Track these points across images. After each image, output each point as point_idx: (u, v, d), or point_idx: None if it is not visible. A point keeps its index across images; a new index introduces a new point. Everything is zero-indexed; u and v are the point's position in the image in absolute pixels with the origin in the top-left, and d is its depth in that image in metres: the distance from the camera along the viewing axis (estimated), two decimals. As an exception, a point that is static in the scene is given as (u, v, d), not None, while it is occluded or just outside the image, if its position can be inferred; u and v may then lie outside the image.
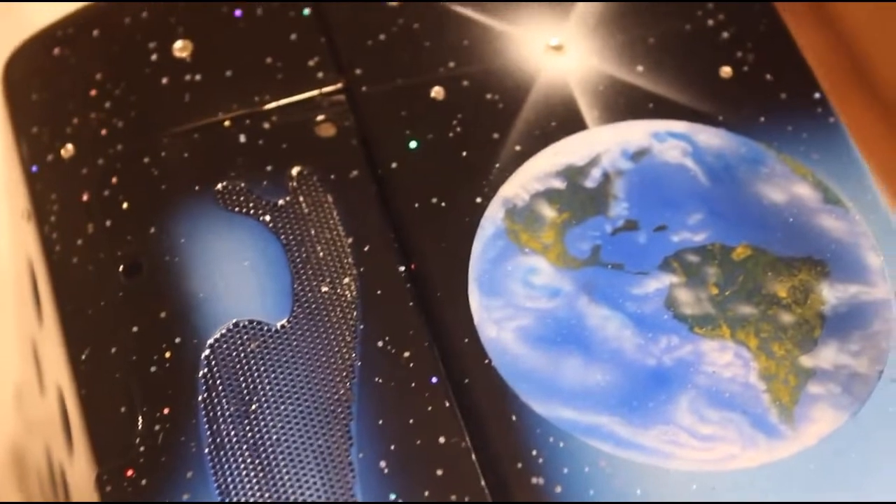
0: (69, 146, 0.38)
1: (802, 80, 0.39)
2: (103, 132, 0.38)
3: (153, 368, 0.35)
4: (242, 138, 0.38)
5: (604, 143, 0.38)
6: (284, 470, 0.33)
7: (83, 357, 0.36)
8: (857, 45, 0.77)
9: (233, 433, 0.34)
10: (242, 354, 0.35)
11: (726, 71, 0.39)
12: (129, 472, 0.34)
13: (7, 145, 0.40)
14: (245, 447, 0.33)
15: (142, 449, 0.34)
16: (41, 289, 0.38)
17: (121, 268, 0.36)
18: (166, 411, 0.34)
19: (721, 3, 0.41)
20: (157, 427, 0.34)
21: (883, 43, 0.75)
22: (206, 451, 0.33)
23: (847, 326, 0.35)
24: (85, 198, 0.38)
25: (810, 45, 0.76)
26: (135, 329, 0.35)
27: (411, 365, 0.34)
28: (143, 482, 0.33)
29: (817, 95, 0.39)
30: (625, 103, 0.39)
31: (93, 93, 0.39)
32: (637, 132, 0.38)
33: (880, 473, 0.33)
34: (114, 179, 0.37)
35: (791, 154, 0.38)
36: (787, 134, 0.38)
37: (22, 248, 0.41)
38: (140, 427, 0.34)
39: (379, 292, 0.36)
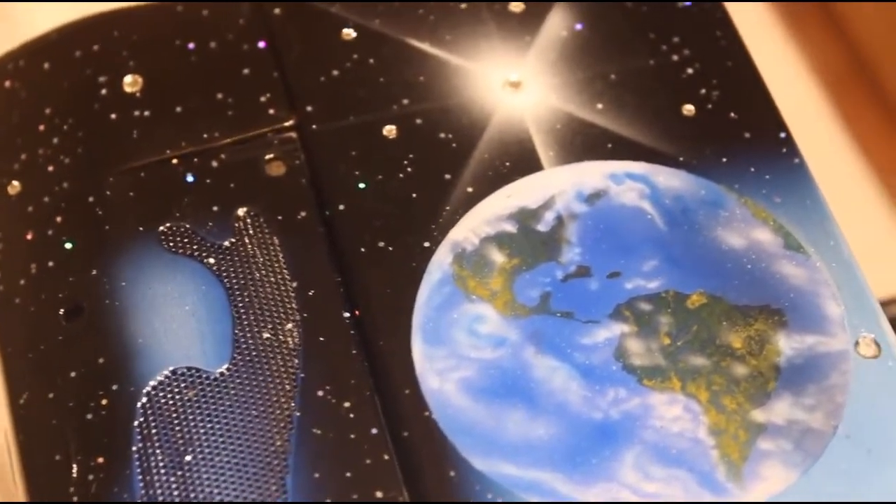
0: (15, 183, 0.38)
1: (768, 118, 0.39)
2: (50, 169, 0.38)
3: (89, 416, 0.34)
4: (190, 177, 0.37)
5: (559, 185, 0.37)
6: (215, 525, 0.33)
7: (21, 401, 0.35)
8: (863, 47, 0.76)
9: (165, 485, 0.33)
10: (179, 403, 0.34)
11: (689, 109, 0.38)
12: (59, 525, 0.33)
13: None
14: (177, 500, 0.33)
15: (75, 499, 0.33)
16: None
17: (61, 311, 0.36)
18: (100, 460, 0.34)
19: (688, 36, 0.40)
20: (90, 476, 0.34)
21: (889, 45, 0.74)
22: (139, 502, 0.33)
23: (802, 379, 0.35)
24: (29, 236, 0.37)
25: (817, 45, 0.75)
26: (73, 374, 0.35)
27: (351, 416, 0.34)
28: (76, 535, 0.33)
29: (783, 135, 0.38)
30: (582, 143, 0.38)
31: (41, 128, 0.39)
32: (593, 173, 0.37)
33: (830, 535, 0.32)
34: (58, 218, 0.37)
35: (752, 197, 0.37)
36: (750, 175, 0.38)
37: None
38: (75, 476, 0.34)
39: (322, 339, 0.35)
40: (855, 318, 0.35)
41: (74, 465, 0.34)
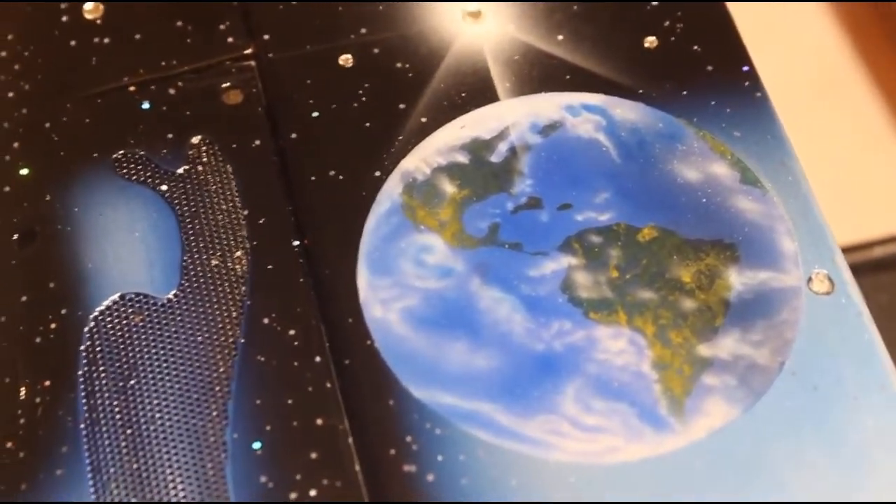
0: (-24, 108, 0.38)
1: (732, 51, 0.38)
2: (10, 95, 0.38)
3: (38, 339, 0.35)
4: (146, 104, 0.37)
5: (513, 116, 0.37)
6: (156, 449, 0.33)
7: (-24, 325, 0.36)
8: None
9: (109, 409, 0.33)
10: (125, 328, 0.34)
11: (651, 41, 0.38)
12: (10, 445, 0.34)
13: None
14: (120, 424, 0.33)
15: (22, 421, 0.34)
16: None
17: (15, 236, 0.36)
18: (47, 384, 0.34)
19: (655, -32, 0.39)
20: (37, 400, 0.34)
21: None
22: (82, 426, 0.33)
23: (752, 315, 0.34)
24: (-13, 161, 0.37)
25: None
26: (24, 299, 0.35)
27: (296, 343, 0.34)
28: (21, 455, 0.33)
29: (745, 69, 0.38)
30: (540, 74, 0.38)
31: (3, 54, 0.39)
32: (549, 105, 0.37)
33: (769, 472, 0.32)
34: (15, 144, 0.37)
35: (711, 130, 0.37)
36: (710, 108, 0.37)
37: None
38: (22, 398, 0.34)
39: (270, 267, 0.35)
40: (809, 255, 0.35)
41: (23, 388, 0.34)
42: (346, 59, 0.38)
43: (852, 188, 0.66)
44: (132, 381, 0.34)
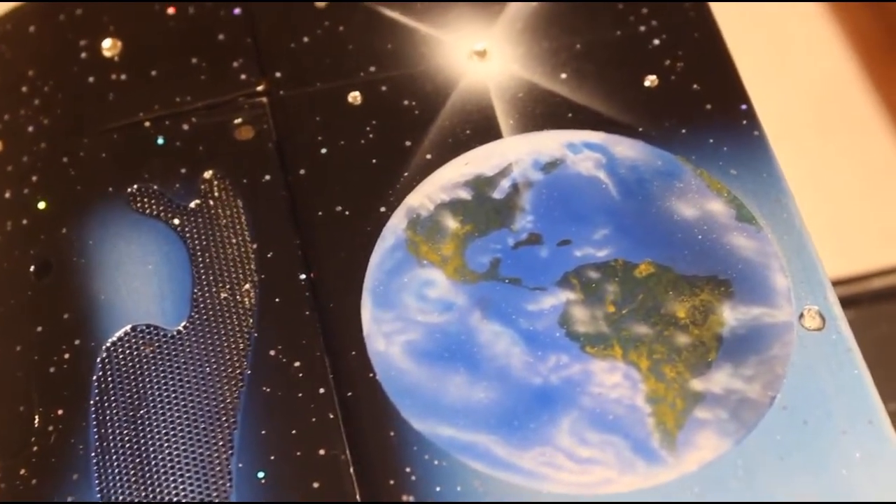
0: (-3, 142, 0.39)
1: (730, 89, 0.38)
2: (30, 129, 0.39)
3: (52, 369, 0.35)
4: (160, 140, 0.38)
5: (516, 153, 0.38)
6: (164, 476, 0.34)
7: (-3, 354, 0.37)
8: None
9: (119, 437, 0.34)
10: (136, 359, 0.35)
11: (652, 79, 0.39)
12: (23, 472, 0.34)
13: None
14: (129, 452, 0.34)
15: (35, 449, 0.35)
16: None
17: (32, 267, 0.37)
18: (60, 412, 0.35)
19: (657, 7, 0.40)
20: (50, 427, 0.35)
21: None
22: (93, 454, 0.34)
23: (744, 350, 0.35)
24: (7, 195, 0.38)
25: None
26: (39, 329, 0.36)
27: (300, 375, 0.35)
28: (34, 482, 0.34)
29: (744, 107, 0.38)
30: (543, 112, 0.38)
31: (24, 89, 0.40)
32: (551, 142, 0.38)
33: (759, 504, 0.33)
34: (34, 178, 0.38)
35: (709, 168, 0.37)
36: (708, 146, 0.37)
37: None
38: (36, 426, 0.35)
39: (277, 300, 0.36)
40: (802, 291, 0.35)
41: (36, 416, 0.35)
42: (354, 97, 0.38)
43: (851, 221, 0.66)
44: (142, 411, 0.34)
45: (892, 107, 0.73)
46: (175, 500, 0.33)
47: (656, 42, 0.39)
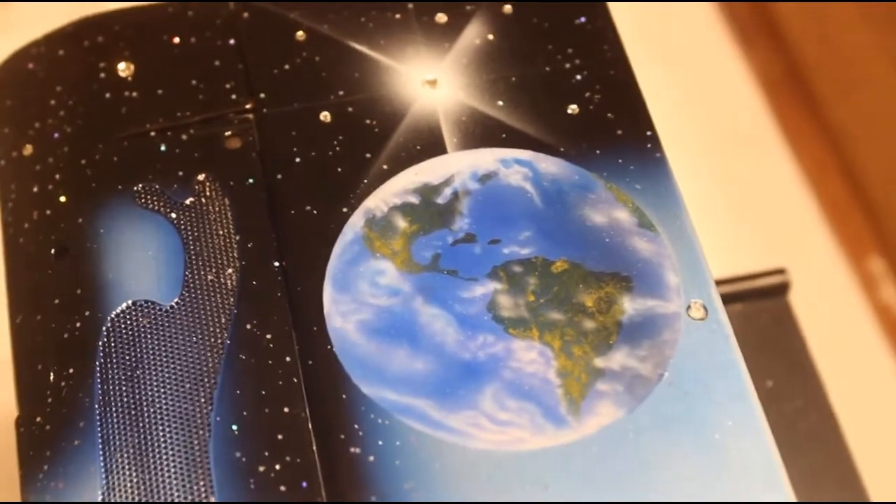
0: (28, 146, 0.39)
1: (638, 119, 0.38)
2: (55, 136, 0.39)
3: (65, 335, 0.36)
4: (163, 147, 0.38)
5: (457, 166, 0.38)
6: (155, 427, 0.34)
7: (18, 321, 0.37)
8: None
9: (118, 392, 0.34)
10: (135, 328, 0.35)
11: (573, 108, 0.39)
12: (38, 419, 0.35)
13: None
14: (126, 405, 0.34)
15: (49, 400, 0.35)
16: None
17: (53, 250, 0.37)
18: (71, 371, 0.35)
19: (580, 48, 0.40)
20: (62, 383, 0.35)
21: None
22: (96, 405, 0.34)
23: (640, 335, 0.35)
24: (35, 189, 0.38)
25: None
26: (56, 301, 0.36)
27: (271, 346, 0.35)
28: (47, 427, 0.34)
29: (649, 133, 0.38)
30: (481, 132, 0.38)
31: (52, 102, 0.40)
32: (487, 158, 0.38)
33: (646, 461, 0.33)
34: (57, 176, 0.38)
35: (617, 183, 0.37)
36: (617, 165, 0.38)
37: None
38: (51, 381, 0.35)
39: (254, 283, 0.36)
40: (689, 287, 0.36)
41: (51, 374, 0.35)
42: (325, 116, 0.38)
43: (738, 229, 0.66)
44: (138, 371, 0.34)
45: (786, 133, 0.73)
46: (163, 445, 0.33)
47: (578, 77, 0.39)
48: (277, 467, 0.33)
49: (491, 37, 0.40)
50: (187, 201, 0.37)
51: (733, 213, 0.68)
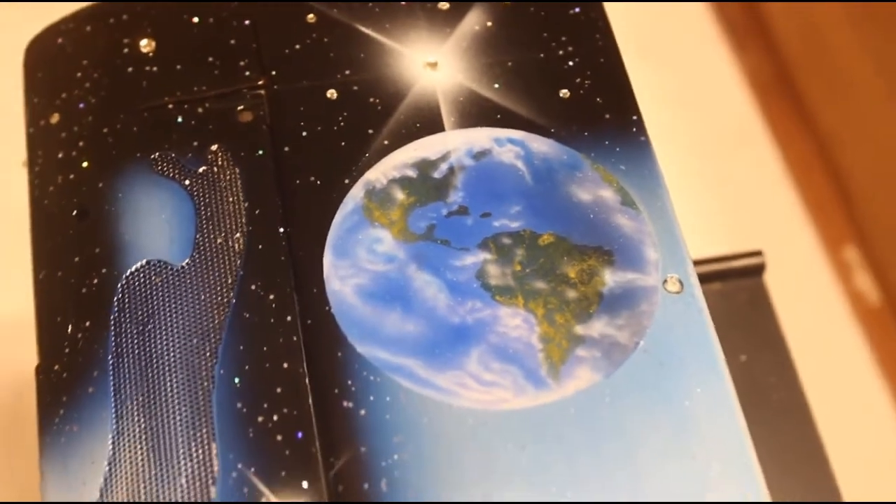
0: (56, 115, 0.39)
1: (625, 105, 0.38)
2: (81, 106, 0.39)
3: (84, 290, 0.36)
4: (180, 119, 0.38)
5: (454, 143, 0.37)
6: (163, 377, 0.34)
7: (41, 276, 0.37)
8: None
9: (130, 345, 0.34)
10: (148, 286, 0.35)
11: (565, 92, 0.38)
12: (56, 367, 0.35)
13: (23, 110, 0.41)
14: (137, 356, 0.34)
15: (67, 350, 0.35)
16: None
17: (74, 212, 0.37)
18: (88, 324, 0.35)
19: (573, 36, 0.40)
20: (79, 335, 0.35)
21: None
22: (110, 356, 0.34)
23: (619, 305, 0.35)
24: (60, 155, 0.38)
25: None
26: (76, 259, 0.36)
27: (273, 305, 0.35)
28: (64, 375, 0.34)
29: (634, 118, 0.38)
30: (477, 113, 0.38)
31: (78, 75, 0.40)
32: (482, 136, 0.38)
33: (620, 422, 0.33)
34: (81, 143, 0.38)
35: (603, 164, 0.37)
36: (604, 147, 0.37)
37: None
38: (69, 333, 0.35)
39: (260, 247, 0.36)
40: (667, 263, 0.35)
41: (70, 326, 0.35)
42: (331, 94, 0.38)
43: (719, 211, 0.66)
44: (149, 326, 0.35)
45: (774, 131, 0.73)
46: (170, 395, 0.33)
47: (570, 63, 0.39)
48: (275, 418, 0.33)
49: (490, 24, 0.40)
50: (200, 170, 0.37)
51: (720, 201, 0.67)
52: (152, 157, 0.37)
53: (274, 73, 0.39)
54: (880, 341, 0.68)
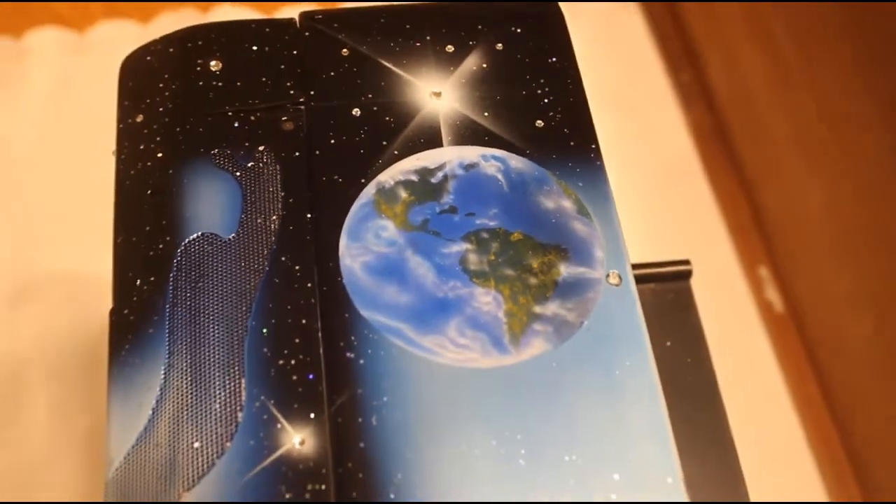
0: (140, 116, 0.39)
1: (586, 135, 0.38)
2: (160, 110, 0.38)
3: (151, 252, 0.35)
4: (236, 124, 0.37)
5: (449, 157, 0.37)
6: (206, 325, 0.33)
7: (119, 240, 0.36)
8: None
9: (183, 298, 0.34)
10: (201, 252, 0.35)
11: (539, 123, 0.38)
12: (126, 311, 0.34)
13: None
14: (188, 307, 0.34)
15: (134, 299, 0.34)
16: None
17: (149, 191, 0.37)
18: (152, 279, 0.34)
19: (550, 78, 0.39)
20: (145, 287, 0.34)
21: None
22: (167, 306, 0.34)
23: (570, 292, 0.34)
24: (141, 147, 0.38)
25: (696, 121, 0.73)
26: (147, 228, 0.36)
27: (298, 274, 0.34)
28: (131, 318, 0.34)
29: (593, 146, 0.37)
30: (469, 134, 0.37)
31: (160, 86, 0.39)
32: (472, 153, 0.37)
33: (563, 387, 0.32)
34: (157, 138, 0.38)
35: (566, 180, 0.36)
36: (568, 168, 0.37)
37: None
38: (137, 286, 0.35)
39: (291, 227, 0.35)
40: (611, 261, 0.35)
41: (138, 280, 0.35)
42: (356, 112, 0.38)
43: (657, 224, 0.65)
44: (199, 284, 0.34)
45: (708, 170, 0.72)
46: (212, 338, 0.33)
47: (546, 101, 0.38)
48: (293, 362, 0.32)
49: (485, 65, 0.39)
50: (249, 165, 0.37)
51: (660, 221, 0.67)
52: (212, 152, 0.37)
53: (312, 93, 0.38)
54: (782, 341, 0.67)
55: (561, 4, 0.41)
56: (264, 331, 0.33)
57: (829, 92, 0.60)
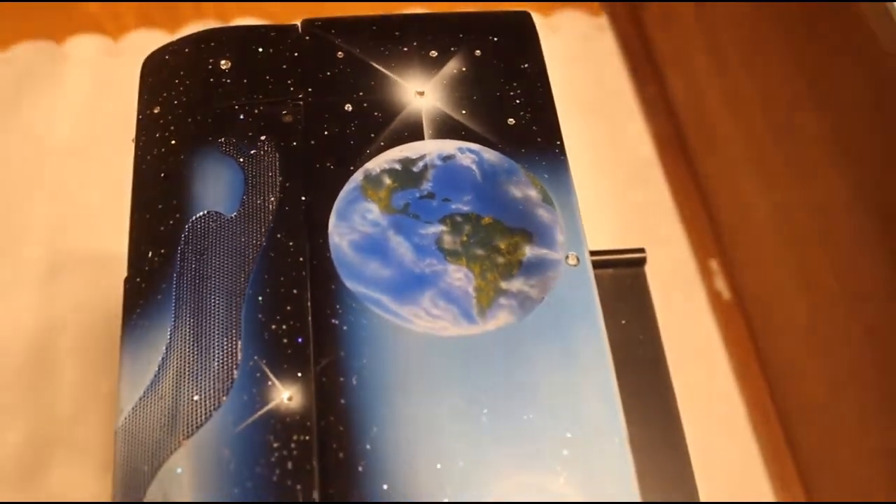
0: (157, 107, 0.38)
1: (553, 133, 0.37)
2: (175, 103, 0.38)
3: (162, 228, 0.34)
4: (241, 116, 0.37)
5: (429, 149, 0.36)
6: (207, 292, 0.33)
7: (135, 217, 0.36)
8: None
9: (190, 268, 0.33)
10: (207, 228, 0.34)
11: (511, 121, 0.37)
12: (138, 279, 0.34)
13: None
14: (193, 276, 0.33)
15: (146, 269, 0.34)
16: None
17: (162, 174, 0.36)
18: (163, 251, 0.34)
19: (521, 81, 0.38)
20: (156, 259, 0.34)
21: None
22: (175, 274, 0.33)
23: (533, 271, 0.34)
24: (157, 135, 0.37)
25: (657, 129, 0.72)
26: (160, 206, 0.35)
27: (291, 249, 0.33)
28: (143, 286, 0.33)
29: (558, 143, 0.37)
30: (448, 129, 0.37)
31: (175, 81, 0.38)
32: (450, 146, 0.36)
33: (524, 356, 0.32)
34: (172, 128, 0.37)
35: (533, 172, 0.36)
36: (535, 161, 0.36)
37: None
38: (149, 257, 0.34)
39: (287, 208, 0.34)
40: (570, 244, 0.34)
41: (150, 252, 0.34)
42: (348, 107, 0.37)
43: (616, 215, 0.65)
44: (204, 256, 0.33)
45: (667, 174, 0.71)
46: (212, 303, 0.32)
47: (517, 102, 0.38)
48: (284, 327, 0.32)
49: (464, 69, 0.39)
50: (251, 152, 0.36)
51: (621, 215, 0.66)
52: (219, 141, 0.36)
53: (310, 90, 0.37)
54: (729, 326, 0.67)
55: (540, 24, 0.40)
56: (259, 299, 0.32)
57: (776, 103, 0.60)
